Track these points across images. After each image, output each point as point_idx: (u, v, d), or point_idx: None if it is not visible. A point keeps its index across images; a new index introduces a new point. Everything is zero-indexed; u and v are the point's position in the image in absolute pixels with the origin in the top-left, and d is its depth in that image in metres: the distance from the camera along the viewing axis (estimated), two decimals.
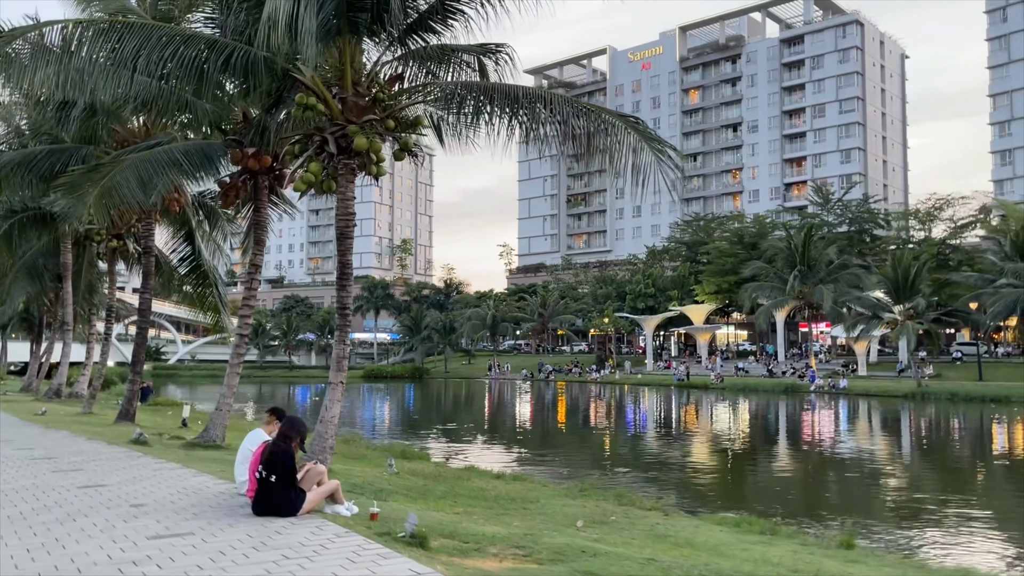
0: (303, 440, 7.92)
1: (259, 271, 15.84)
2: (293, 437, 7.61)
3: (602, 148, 10.78)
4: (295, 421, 7.80)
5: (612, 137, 10.57)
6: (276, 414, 8.77)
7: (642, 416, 40.79)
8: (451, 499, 10.82)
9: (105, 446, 13.57)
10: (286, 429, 7.63)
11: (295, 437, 7.64)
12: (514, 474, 14.60)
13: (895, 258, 52.46)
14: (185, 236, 21.75)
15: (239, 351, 15.54)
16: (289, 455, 7.45)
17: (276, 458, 7.35)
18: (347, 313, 12.44)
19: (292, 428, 7.65)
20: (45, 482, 9.57)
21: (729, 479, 19.87)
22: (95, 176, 13.18)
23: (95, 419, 20.10)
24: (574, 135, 11.08)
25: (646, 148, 10.37)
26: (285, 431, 7.61)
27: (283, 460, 7.36)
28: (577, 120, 10.84)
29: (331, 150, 11.91)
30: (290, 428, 7.64)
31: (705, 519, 11.00)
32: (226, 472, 10.45)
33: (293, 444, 7.62)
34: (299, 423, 7.79)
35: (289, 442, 7.56)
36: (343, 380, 12.32)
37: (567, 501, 11.68)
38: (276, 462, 7.34)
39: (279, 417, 8.74)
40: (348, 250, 12.45)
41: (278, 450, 7.43)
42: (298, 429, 7.70)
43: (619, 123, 10.61)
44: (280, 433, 7.63)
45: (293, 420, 7.82)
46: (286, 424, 7.72)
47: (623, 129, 10.60)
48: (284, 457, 7.39)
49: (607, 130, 10.66)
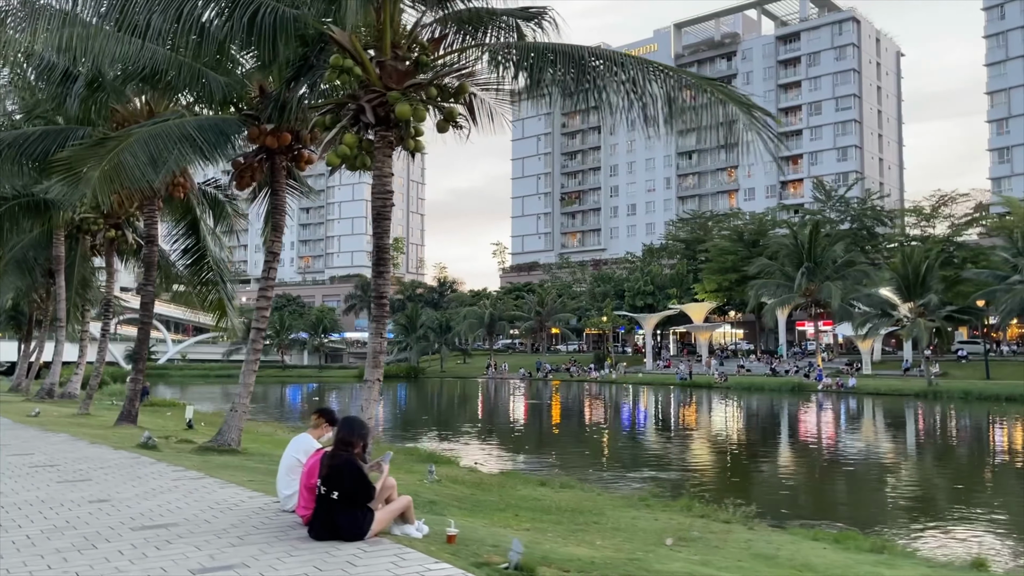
0: (366, 445, 6.63)
1: (277, 259, 14.54)
2: (355, 443, 6.32)
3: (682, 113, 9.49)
4: (354, 423, 6.51)
5: (695, 101, 9.34)
6: (325, 416, 7.50)
7: (655, 416, 39.65)
8: (510, 512, 9.57)
9: (111, 451, 12.23)
10: (345, 435, 6.34)
11: (357, 443, 6.35)
12: (560, 481, 13.36)
13: (905, 254, 51.50)
14: (188, 226, 20.35)
15: (256, 346, 14.22)
16: (355, 468, 6.18)
17: (340, 471, 6.08)
18: (384, 303, 11.18)
19: (352, 432, 6.36)
20: (51, 495, 8.26)
21: (773, 483, 18.68)
22: (100, 151, 11.83)
23: (94, 421, 18.73)
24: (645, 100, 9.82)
25: (737, 111, 9.14)
26: (345, 437, 6.32)
27: (349, 474, 6.09)
28: (652, 84, 9.60)
29: (368, 119, 10.64)
30: (350, 432, 6.35)
31: (795, 532, 9.80)
32: (257, 483, 9.17)
33: (356, 451, 6.34)
34: (359, 425, 6.51)
35: (351, 449, 6.29)
36: (380, 377, 11.07)
37: (633, 512, 10.46)
38: (340, 476, 6.07)
39: (329, 419, 7.48)
40: (385, 232, 11.19)
41: (341, 461, 6.15)
42: (360, 433, 6.42)
43: (704, 85, 9.38)
44: (339, 440, 6.34)
45: (352, 422, 6.52)
46: (344, 428, 6.42)
47: (708, 92, 9.37)
48: (350, 470, 6.12)
49: (690, 93, 9.42)
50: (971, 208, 72.90)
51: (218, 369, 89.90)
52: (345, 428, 6.42)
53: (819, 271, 56.81)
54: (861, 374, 57.81)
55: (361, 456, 6.46)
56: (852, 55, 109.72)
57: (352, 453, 6.26)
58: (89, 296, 29.53)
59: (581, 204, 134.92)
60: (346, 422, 6.53)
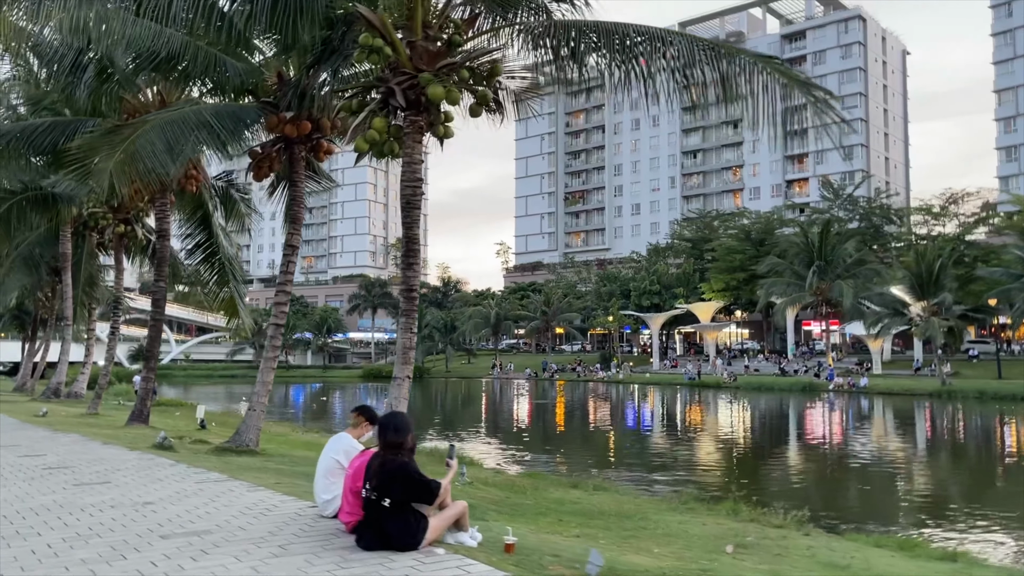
0: (414, 446, 6.08)
1: (296, 253, 14.01)
2: (404, 444, 5.78)
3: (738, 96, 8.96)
4: (399, 422, 5.88)
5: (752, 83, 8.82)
6: (365, 414, 6.96)
7: (668, 417, 39.11)
8: (552, 516, 9.04)
9: (126, 452, 11.71)
10: (392, 437, 5.75)
11: (406, 443, 5.80)
12: (593, 483, 12.81)
13: (918, 253, 50.92)
14: (200, 221, 19.81)
15: (274, 343, 13.68)
16: (411, 472, 5.63)
17: (393, 477, 5.53)
18: (414, 296, 10.65)
19: (399, 432, 5.78)
20: (69, 499, 7.73)
21: (805, 485, 18.09)
22: (114, 139, 11.31)
23: (103, 421, 18.21)
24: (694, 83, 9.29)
25: (796, 93, 8.62)
26: (392, 440, 5.73)
27: (404, 479, 5.55)
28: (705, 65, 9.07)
29: (399, 103, 10.11)
30: (396, 433, 5.77)
31: (854, 539, 9.27)
32: (286, 486, 8.65)
33: (406, 446, 5.79)
34: (404, 422, 5.90)
35: (399, 451, 5.74)
36: (409, 375, 10.53)
37: (678, 517, 9.93)
38: (394, 483, 5.53)
39: (369, 418, 6.95)
40: (415, 222, 10.65)
41: (393, 465, 5.60)
42: (405, 432, 5.85)
43: (761, 64, 8.85)
44: (387, 444, 5.75)
45: (396, 421, 5.90)
46: (389, 428, 5.80)
47: (765, 72, 8.84)
48: (404, 475, 5.57)
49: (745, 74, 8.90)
50: (978, 207, 72.34)
51: (222, 369, 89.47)
52: (389, 428, 5.83)
53: (830, 270, 56.24)
54: (871, 374, 57.21)
55: (409, 454, 5.92)
56: (858, 53, 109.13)
57: (404, 457, 5.72)
58: (96, 294, 29.01)
59: (585, 203, 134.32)
60: (390, 422, 5.92)
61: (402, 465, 5.65)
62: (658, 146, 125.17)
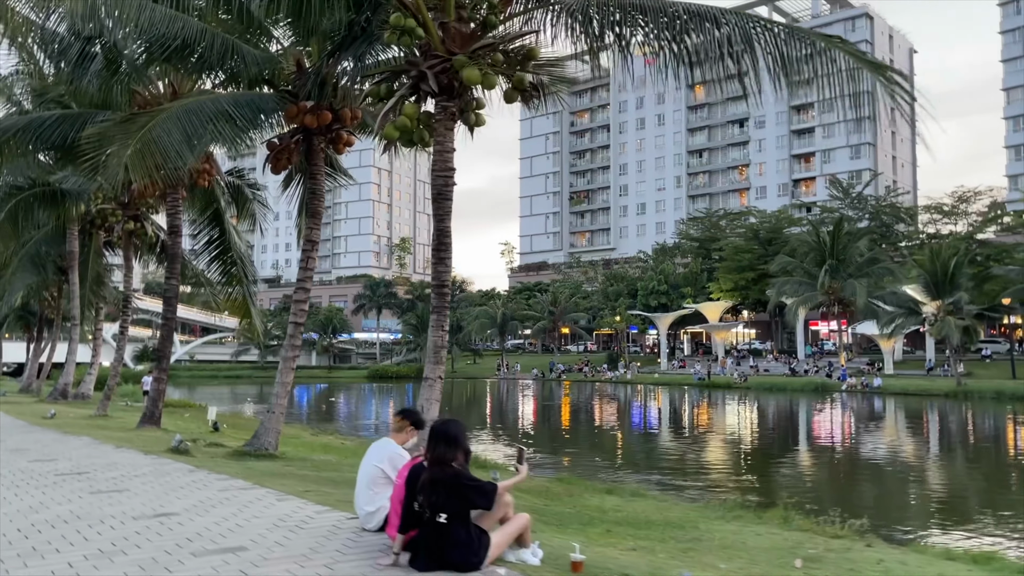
0: (469, 452, 5.48)
1: (316, 248, 13.47)
2: (456, 458, 5.16)
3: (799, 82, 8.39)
4: (451, 432, 5.21)
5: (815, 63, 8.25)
6: (410, 418, 6.39)
7: (683, 419, 38.51)
8: (600, 526, 8.47)
9: (141, 456, 11.16)
10: (443, 451, 5.08)
11: (458, 456, 5.19)
12: (629, 489, 12.25)
13: (933, 251, 50.26)
14: (211, 217, 19.25)
15: (294, 342, 13.12)
16: (463, 479, 5.07)
17: (446, 488, 4.97)
18: (446, 292, 10.09)
19: (450, 446, 5.12)
20: (87, 510, 7.18)
21: (843, 490, 17.43)
22: (129, 128, 10.77)
23: (113, 423, 17.67)
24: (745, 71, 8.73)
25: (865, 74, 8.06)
26: (442, 455, 5.08)
27: (457, 489, 4.98)
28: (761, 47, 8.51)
29: (430, 88, 9.55)
30: (447, 446, 5.12)
31: (923, 551, 8.70)
32: (316, 494, 8.10)
33: (458, 459, 5.21)
34: (457, 430, 5.26)
35: (448, 461, 5.13)
36: (441, 375, 9.97)
37: (729, 526, 9.36)
38: (447, 493, 4.96)
39: (414, 422, 6.38)
40: (447, 214, 10.09)
41: (444, 476, 5.02)
42: (459, 443, 5.20)
43: (826, 45, 8.29)
44: (436, 458, 5.12)
45: (449, 430, 5.23)
46: (440, 439, 5.16)
47: (829, 52, 8.28)
48: (457, 483, 5.00)
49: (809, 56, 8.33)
50: (986, 206, 71.69)
51: (226, 370, 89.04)
52: (442, 441, 5.16)
53: (842, 269, 55.60)
54: (883, 374, 56.59)
55: (464, 465, 5.34)
56: (866, 51, 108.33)
57: (453, 465, 5.13)
58: (103, 293, 28.49)
59: (590, 203, 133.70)
60: (441, 432, 5.23)
61: (456, 476, 5.07)
62: (663, 145, 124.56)
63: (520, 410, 45.04)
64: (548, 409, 44.82)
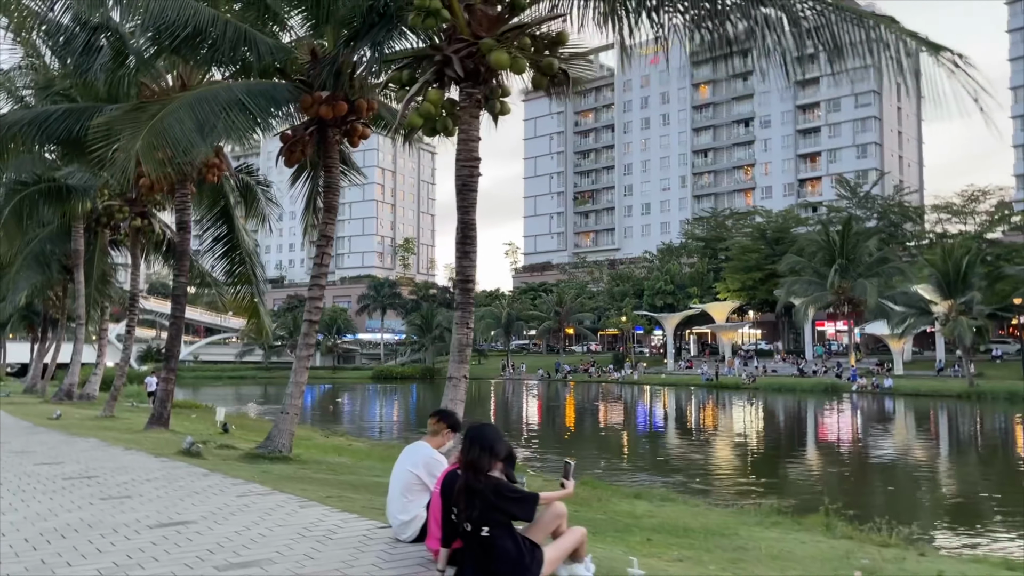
0: (512, 457, 5.00)
1: (330, 243, 13.01)
2: (492, 465, 4.66)
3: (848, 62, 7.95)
4: (486, 436, 4.70)
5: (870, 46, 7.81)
6: (446, 420, 5.93)
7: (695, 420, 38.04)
8: (637, 535, 8.00)
9: (152, 459, 10.72)
10: (477, 456, 4.59)
11: (495, 464, 4.68)
12: (658, 494, 11.80)
13: (945, 250, 49.73)
14: (220, 213, 18.82)
15: (308, 340, 12.68)
16: (503, 489, 4.59)
17: (486, 500, 4.49)
18: (470, 288, 9.65)
19: (486, 452, 4.61)
20: (98, 517, 6.74)
21: (874, 494, 16.88)
22: (140, 117, 10.34)
23: (120, 424, 17.25)
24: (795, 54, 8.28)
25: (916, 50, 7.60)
26: (476, 461, 4.58)
27: (498, 499, 4.51)
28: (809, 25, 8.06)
29: (456, 73, 9.11)
30: (483, 453, 4.60)
31: (983, 561, 8.22)
32: (338, 500, 7.66)
33: (496, 467, 4.72)
34: (492, 434, 4.76)
35: (483, 469, 4.64)
36: (466, 374, 9.54)
37: (771, 533, 8.90)
38: (487, 505, 4.49)
39: (451, 424, 5.93)
40: (472, 206, 9.65)
41: (482, 486, 4.53)
42: (496, 448, 4.68)
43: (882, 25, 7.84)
44: (470, 463, 4.61)
45: (484, 432, 4.75)
46: (475, 444, 4.65)
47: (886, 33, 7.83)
48: (497, 494, 4.53)
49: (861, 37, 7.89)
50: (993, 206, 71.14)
51: (230, 370, 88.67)
52: (478, 447, 4.65)
53: (852, 268, 55.07)
54: (893, 374, 56.06)
55: (507, 472, 4.86)
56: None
57: (490, 477, 4.64)
58: (109, 293, 28.06)
59: (595, 203, 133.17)
60: (476, 436, 4.72)
61: (493, 485, 4.60)
62: (668, 145, 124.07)
63: (529, 411, 44.57)
64: (558, 410, 44.36)
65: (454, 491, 4.68)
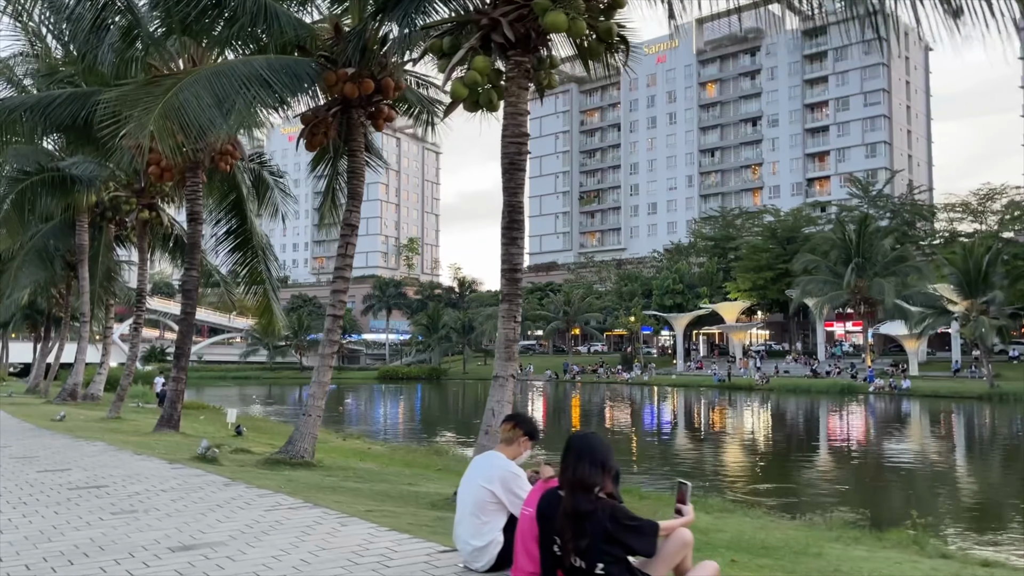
0: (618, 474, 4.09)
1: (355, 232, 12.10)
2: (602, 483, 3.77)
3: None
4: (595, 445, 3.88)
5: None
6: (523, 426, 5.00)
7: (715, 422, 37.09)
8: (712, 553, 7.06)
9: (165, 466, 9.82)
10: (585, 472, 3.73)
11: (606, 481, 3.79)
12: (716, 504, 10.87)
13: (966, 249, 48.75)
14: (232, 206, 17.92)
15: (332, 337, 11.79)
16: (626, 524, 3.68)
17: (599, 529, 3.60)
18: (518, 278, 8.74)
19: (596, 466, 3.76)
20: (110, 535, 5.83)
21: (936, 505, 15.84)
22: (154, 91, 9.46)
23: (128, 426, 16.35)
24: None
25: None
26: (585, 477, 3.72)
27: (613, 533, 3.60)
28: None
29: (504, 37, 8.20)
30: (593, 467, 3.76)
31: None
32: (381, 514, 6.75)
33: (605, 486, 3.81)
34: (601, 445, 3.90)
35: (592, 488, 3.74)
36: (514, 372, 8.62)
37: (855, 551, 7.97)
38: (599, 536, 3.60)
39: (529, 432, 4.99)
40: (520, 187, 8.75)
41: (594, 511, 3.64)
42: (605, 463, 3.81)
43: None
44: (576, 480, 3.75)
45: (592, 442, 3.89)
46: (582, 457, 3.78)
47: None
48: (615, 523, 3.63)
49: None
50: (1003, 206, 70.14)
51: (235, 370, 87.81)
52: (582, 458, 3.80)
53: (868, 267, 54.09)
54: (909, 375, 55.04)
55: (614, 493, 3.93)
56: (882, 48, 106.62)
57: (603, 500, 3.74)
58: (114, 290, 27.16)
59: (600, 203, 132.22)
60: (583, 448, 3.85)
61: (609, 511, 3.69)
62: (675, 144, 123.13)
63: (545, 413, 43.63)
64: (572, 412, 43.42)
65: (556, 516, 3.78)
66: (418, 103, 13.86)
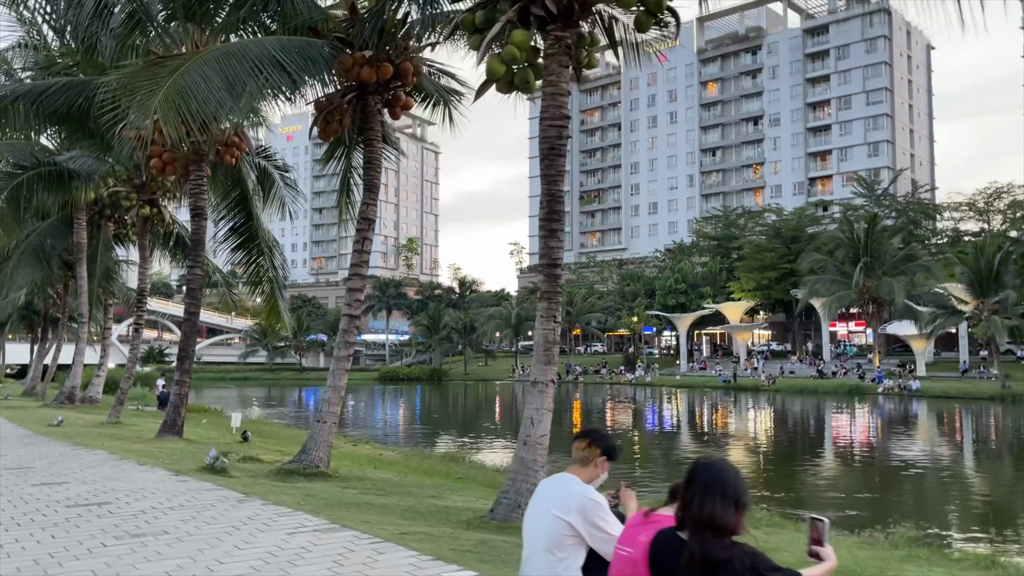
0: (746, 506, 3.28)
1: (372, 227, 11.37)
2: (737, 514, 3.01)
3: None
4: (726, 476, 3.03)
5: None
6: (600, 444, 4.23)
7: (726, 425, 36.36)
8: None
9: (172, 478, 9.07)
10: (716, 510, 2.90)
11: (739, 522, 3.03)
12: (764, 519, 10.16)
13: (977, 248, 48.10)
14: (237, 201, 17.16)
15: (348, 339, 11.04)
16: (772, 574, 2.92)
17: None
18: (559, 274, 8.03)
19: (729, 503, 2.94)
20: (115, 567, 5.09)
21: (983, 515, 15.17)
22: (158, 73, 8.72)
23: (128, 431, 15.59)
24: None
25: None
26: (715, 515, 2.89)
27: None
28: None
29: (544, 9, 7.47)
30: (726, 497, 2.96)
31: None
32: (416, 537, 6.01)
33: (738, 526, 3.05)
34: (736, 477, 3.04)
35: (724, 530, 2.99)
36: (554, 379, 7.89)
37: (923, 571, 7.24)
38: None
39: (607, 452, 4.23)
40: (560, 175, 8.01)
41: (738, 561, 2.84)
42: (740, 494, 2.99)
43: None
44: (704, 519, 2.96)
45: (723, 473, 3.02)
46: (709, 484, 2.97)
47: None
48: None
49: None
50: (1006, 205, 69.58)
51: (234, 372, 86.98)
52: (713, 494, 2.96)
53: (877, 266, 53.40)
54: (916, 376, 54.37)
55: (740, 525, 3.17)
56: (883, 47, 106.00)
57: (740, 546, 2.98)
58: (113, 290, 26.37)
59: (601, 203, 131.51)
60: (712, 480, 3.02)
61: (750, 559, 2.93)
62: (676, 143, 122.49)
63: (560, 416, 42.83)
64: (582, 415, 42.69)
65: (677, 564, 3.04)
66: (435, 91, 13.14)
